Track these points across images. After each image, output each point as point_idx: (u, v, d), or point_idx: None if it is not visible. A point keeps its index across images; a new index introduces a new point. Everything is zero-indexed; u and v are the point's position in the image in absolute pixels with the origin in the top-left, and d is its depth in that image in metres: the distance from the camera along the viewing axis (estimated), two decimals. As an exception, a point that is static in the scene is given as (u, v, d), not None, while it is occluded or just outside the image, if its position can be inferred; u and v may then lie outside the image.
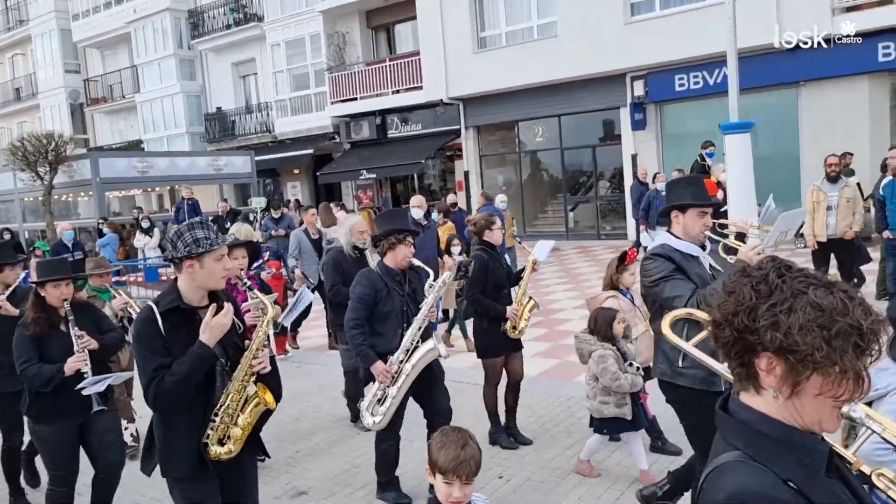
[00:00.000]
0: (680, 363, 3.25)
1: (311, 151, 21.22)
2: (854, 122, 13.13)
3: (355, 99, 20.09)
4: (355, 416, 5.74)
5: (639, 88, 15.56)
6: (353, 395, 5.65)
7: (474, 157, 18.90)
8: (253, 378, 2.87)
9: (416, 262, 4.34)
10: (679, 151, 15.66)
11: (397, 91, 19.42)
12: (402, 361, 4.15)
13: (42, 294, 3.91)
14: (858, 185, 8.94)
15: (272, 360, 3.00)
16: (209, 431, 2.80)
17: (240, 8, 23.08)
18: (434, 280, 4.29)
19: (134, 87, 26.69)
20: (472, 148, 18.84)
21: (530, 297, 5.24)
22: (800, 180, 13.45)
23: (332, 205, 12.08)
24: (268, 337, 2.96)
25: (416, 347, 4.18)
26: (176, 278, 2.84)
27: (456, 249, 8.35)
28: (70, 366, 3.78)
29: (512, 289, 5.26)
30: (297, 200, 20.75)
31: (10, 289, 4.64)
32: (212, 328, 2.73)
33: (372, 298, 4.20)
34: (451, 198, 12.81)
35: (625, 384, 4.29)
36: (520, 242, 6.47)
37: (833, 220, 7.77)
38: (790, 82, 13.79)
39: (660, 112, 15.86)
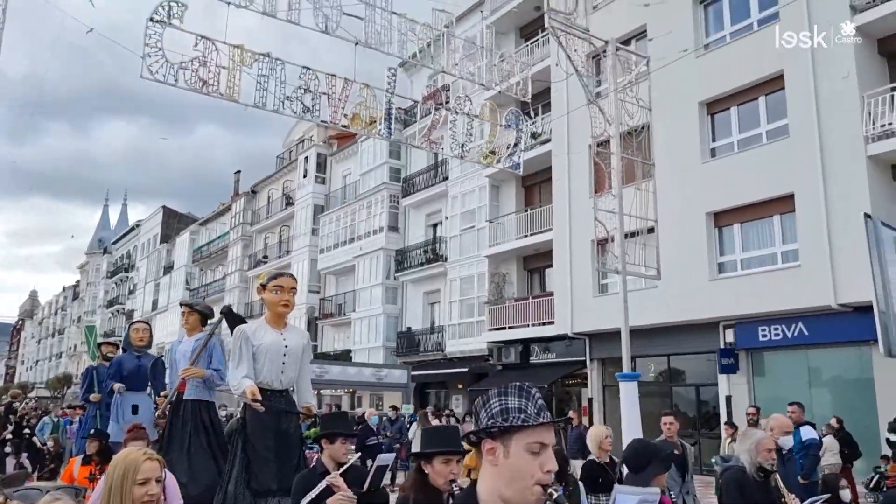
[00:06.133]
0: None
1: (466, 370, 24.78)
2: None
3: (505, 328, 23.59)
4: None
5: (729, 336, 17.15)
6: None
7: (598, 387, 20.95)
8: None
9: None
10: (771, 394, 16.64)
11: (543, 324, 22.57)
12: None
13: (426, 471, 3.30)
14: None
15: None
16: None
17: (432, 251, 28.67)
18: None
19: (352, 307, 33.01)
20: (595, 378, 20.99)
21: None
22: (878, 435, 13.82)
23: (428, 413, 15.13)
24: None
25: None
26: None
27: None
28: None
29: None
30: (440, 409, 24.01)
31: (344, 467, 3.90)
32: None
33: None
34: (571, 414, 15.32)
35: None
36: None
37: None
38: (861, 340, 14.65)
39: (750, 358, 17.10)
